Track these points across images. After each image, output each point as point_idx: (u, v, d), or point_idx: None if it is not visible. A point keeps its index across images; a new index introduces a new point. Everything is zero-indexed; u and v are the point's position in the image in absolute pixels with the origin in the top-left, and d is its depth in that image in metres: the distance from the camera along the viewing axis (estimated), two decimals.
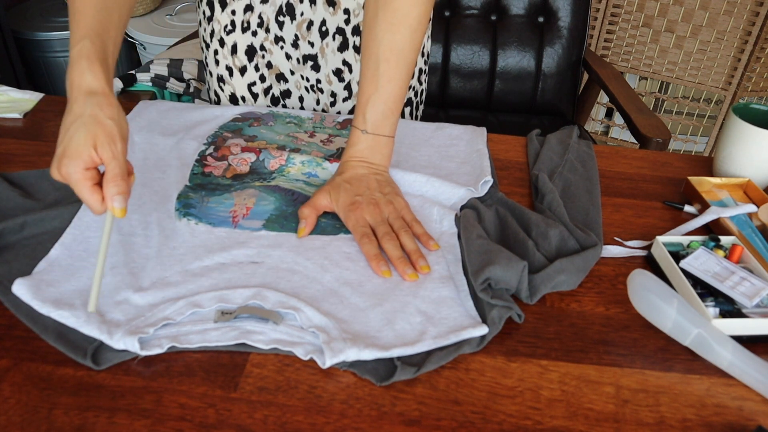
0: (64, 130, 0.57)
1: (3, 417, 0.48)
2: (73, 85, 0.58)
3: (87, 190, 0.55)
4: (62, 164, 0.56)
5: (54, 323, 0.55)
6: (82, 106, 0.57)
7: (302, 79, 0.97)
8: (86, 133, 0.56)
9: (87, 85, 0.58)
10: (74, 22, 0.61)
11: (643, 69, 2.07)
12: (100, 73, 0.59)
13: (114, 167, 0.56)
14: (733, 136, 0.79)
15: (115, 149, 0.56)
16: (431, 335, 0.56)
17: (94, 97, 0.58)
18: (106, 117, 0.57)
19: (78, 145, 0.55)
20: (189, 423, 0.48)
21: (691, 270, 0.62)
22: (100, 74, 0.59)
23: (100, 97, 0.58)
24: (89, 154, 0.55)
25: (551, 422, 0.50)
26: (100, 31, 0.61)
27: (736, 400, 0.53)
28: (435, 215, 0.72)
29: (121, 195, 0.56)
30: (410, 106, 1.03)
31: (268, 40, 0.94)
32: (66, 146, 0.56)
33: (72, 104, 0.58)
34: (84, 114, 0.56)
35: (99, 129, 0.56)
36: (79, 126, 0.56)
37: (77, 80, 0.58)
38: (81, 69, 0.58)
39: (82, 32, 0.60)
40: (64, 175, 0.56)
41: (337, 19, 0.92)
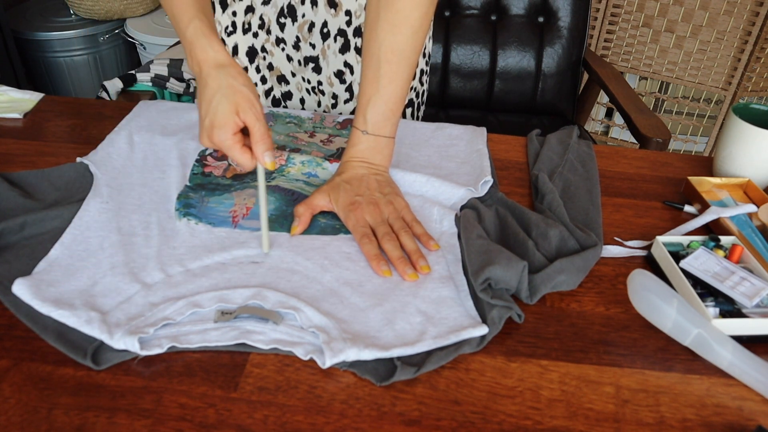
0: (206, 104, 0.64)
1: (3, 417, 0.48)
2: (201, 62, 0.65)
3: (238, 152, 0.63)
4: (214, 134, 0.63)
5: (54, 323, 0.55)
6: (217, 80, 0.64)
7: (303, 81, 0.97)
8: (228, 102, 0.62)
9: (213, 60, 0.65)
10: (176, 8, 0.67)
11: (643, 69, 2.07)
12: (219, 46, 0.65)
13: (259, 128, 0.63)
14: (733, 136, 0.79)
15: (256, 112, 0.63)
16: (431, 335, 0.56)
17: (224, 69, 0.64)
18: (241, 85, 0.63)
19: (224, 114, 0.62)
20: (189, 423, 0.48)
21: (691, 270, 0.62)
22: (219, 48, 0.65)
23: (229, 68, 0.64)
24: (234, 121, 0.62)
25: (551, 422, 0.50)
26: (202, 9, 0.68)
27: (736, 400, 0.53)
28: (435, 215, 0.72)
29: (269, 151, 0.63)
30: (411, 107, 1.03)
31: (269, 41, 0.94)
32: (213, 117, 0.63)
33: (206, 79, 0.64)
34: (222, 86, 0.63)
35: (239, 97, 0.63)
36: (221, 98, 0.63)
37: (202, 56, 0.65)
38: (203, 46, 0.65)
39: (190, 13, 0.66)
40: (217, 143, 0.63)
41: (339, 21, 0.92)
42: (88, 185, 0.73)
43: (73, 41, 2.15)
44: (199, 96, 0.65)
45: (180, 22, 0.67)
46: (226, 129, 0.62)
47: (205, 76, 0.64)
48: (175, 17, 0.68)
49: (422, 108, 1.06)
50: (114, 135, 0.83)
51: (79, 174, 0.75)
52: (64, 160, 0.79)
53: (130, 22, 2.17)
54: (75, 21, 2.17)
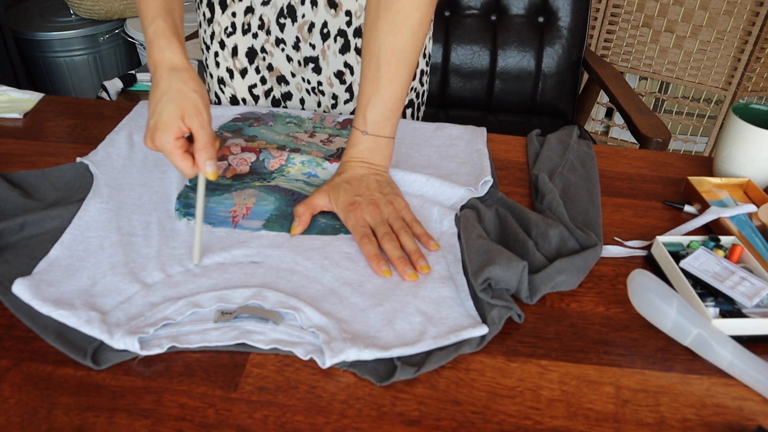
0: (153, 105, 0.63)
1: (3, 417, 0.48)
2: (156, 63, 0.65)
3: (179, 158, 0.62)
4: (156, 136, 0.62)
5: (54, 323, 0.55)
6: (168, 82, 0.63)
7: (303, 82, 0.97)
8: (174, 107, 0.62)
9: (169, 62, 0.64)
10: (142, 4, 0.67)
11: (643, 69, 2.07)
12: (177, 49, 0.65)
13: (203, 136, 0.63)
14: (733, 136, 0.79)
15: (202, 119, 0.63)
16: (431, 335, 0.56)
17: (177, 72, 0.64)
18: (190, 90, 0.63)
19: (168, 118, 0.62)
20: (189, 423, 0.48)
21: (691, 270, 0.62)
22: (177, 50, 0.65)
23: (182, 72, 0.64)
24: (178, 126, 0.62)
25: (551, 422, 0.50)
26: (168, 9, 0.67)
27: (736, 400, 0.53)
28: (435, 215, 0.72)
29: (211, 160, 0.63)
30: (411, 107, 1.03)
31: (269, 42, 0.94)
32: (157, 120, 0.62)
33: (158, 81, 0.64)
34: (171, 89, 0.63)
35: (186, 102, 0.62)
36: (168, 101, 0.62)
37: (158, 57, 0.65)
38: (160, 47, 0.65)
39: (153, 12, 0.66)
40: (158, 146, 0.62)
41: (339, 21, 0.92)
42: (88, 185, 0.73)
43: (73, 41, 2.15)
44: (149, 96, 0.65)
45: (144, 19, 0.66)
46: (169, 133, 0.62)
47: (158, 78, 0.64)
48: (141, 14, 0.67)
49: (422, 108, 1.06)
50: (114, 135, 0.83)
51: (79, 174, 0.75)
52: (64, 160, 0.79)
53: (130, 22, 2.17)
54: (75, 21, 2.17)
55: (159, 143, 0.62)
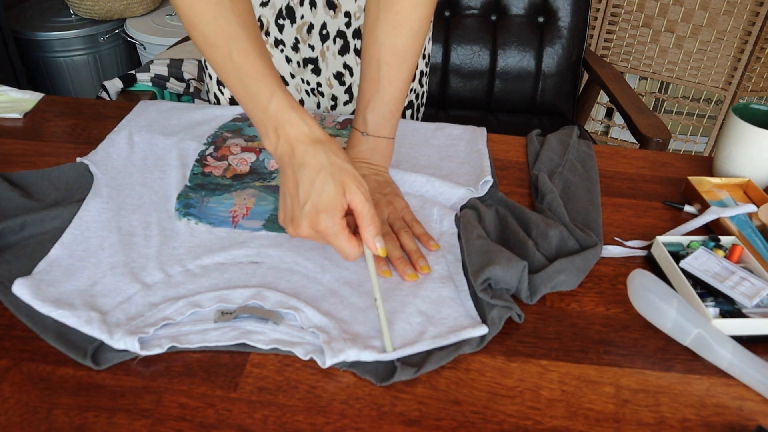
0: (307, 185, 0.57)
1: (3, 417, 0.48)
2: (293, 140, 0.58)
3: (346, 239, 0.57)
4: (320, 219, 0.56)
5: (54, 323, 0.55)
6: (316, 157, 0.57)
7: (303, 83, 0.97)
8: (335, 183, 0.56)
9: (309, 135, 0.58)
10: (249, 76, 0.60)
11: (643, 69, 2.07)
12: (312, 120, 0.60)
13: (369, 210, 0.57)
14: (733, 136, 0.79)
15: (365, 192, 0.58)
16: (431, 335, 0.56)
17: (323, 145, 0.58)
18: (344, 161, 0.58)
19: (331, 197, 0.56)
20: (189, 423, 0.48)
21: (691, 270, 0.62)
22: (312, 122, 0.59)
23: (329, 144, 0.59)
24: (342, 204, 0.57)
25: (551, 422, 0.50)
26: (276, 76, 0.61)
27: (736, 400, 0.53)
28: (435, 215, 0.72)
29: (380, 235, 0.58)
30: (411, 108, 1.03)
31: (268, 43, 0.94)
32: (317, 201, 0.56)
33: (303, 157, 0.57)
34: (324, 165, 0.57)
35: (345, 176, 0.57)
36: (326, 177, 0.56)
37: (294, 133, 0.58)
38: (293, 122, 0.58)
39: (270, 85, 0.59)
40: (323, 230, 0.57)
41: (338, 22, 0.92)
42: (88, 185, 0.73)
43: (73, 41, 2.15)
44: (290, 175, 0.58)
45: (257, 94, 0.59)
46: (335, 213, 0.56)
47: (302, 154, 0.58)
48: (248, 87, 0.60)
49: (422, 109, 1.06)
50: (114, 135, 0.83)
51: (79, 174, 0.75)
52: (64, 160, 0.79)
53: (130, 22, 2.17)
54: (75, 21, 2.17)
55: (324, 226, 0.56)
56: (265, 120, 0.60)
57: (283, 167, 0.60)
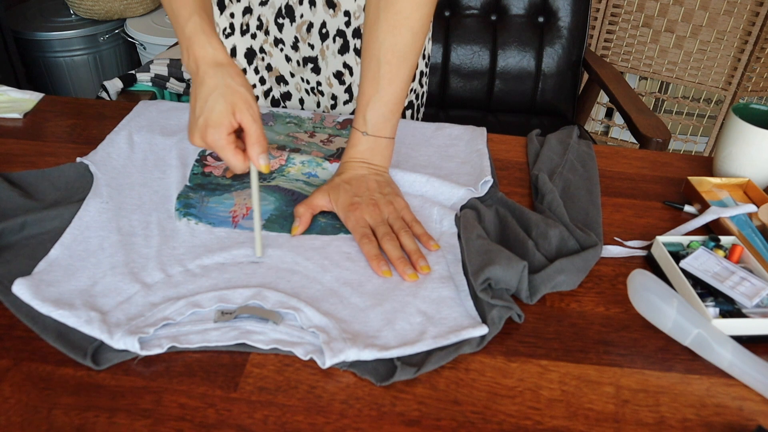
0: (201, 102, 0.62)
1: (3, 417, 0.48)
2: (199, 59, 0.64)
3: (231, 153, 0.62)
4: (207, 133, 0.61)
5: (54, 323, 0.55)
6: (215, 78, 0.63)
7: (302, 82, 0.97)
8: (225, 102, 0.61)
9: (212, 58, 0.64)
10: (175, 3, 0.66)
11: (643, 69, 2.07)
12: (218, 44, 0.64)
13: (255, 130, 0.62)
14: (733, 136, 0.79)
15: (254, 113, 0.62)
16: (431, 335, 0.56)
17: (223, 68, 0.63)
18: (239, 85, 0.62)
19: (220, 114, 0.61)
20: (189, 423, 0.48)
21: (691, 270, 0.62)
22: (218, 46, 0.64)
23: (228, 67, 0.64)
24: (230, 121, 0.61)
25: (551, 422, 0.50)
26: (202, 5, 0.66)
27: (736, 400, 0.53)
28: (435, 215, 0.72)
29: (264, 153, 0.62)
30: (411, 108, 1.03)
31: (268, 42, 0.94)
32: (208, 116, 0.62)
33: (203, 77, 0.63)
34: (219, 85, 0.62)
35: (236, 97, 0.62)
36: (218, 96, 0.62)
37: (201, 53, 0.64)
38: (201, 43, 0.64)
39: (188, 9, 0.65)
40: (210, 142, 0.62)
41: (338, 21, 0.92)
42: (88, 185, 0.73)
43: (73, 41, 2.15)
44: (193, 93, 0.64)
45: (179, 17, 0.66)
46: (221, 129, 0.61)
47: (203, 74, 0.63)
48: (174, 12, 0.66)
49: (422, 110, 1.06)
50: (114, 135, 0.83)
51: (79, 174, 0.75)
52: (64, 160, 0.79)
53: (130, 22, 2.17)
54: (75, 21, 2.17)
55: (211, 139, 0.61)
56: (182, 39, 0.66)
57: (192, 83, 0.66)
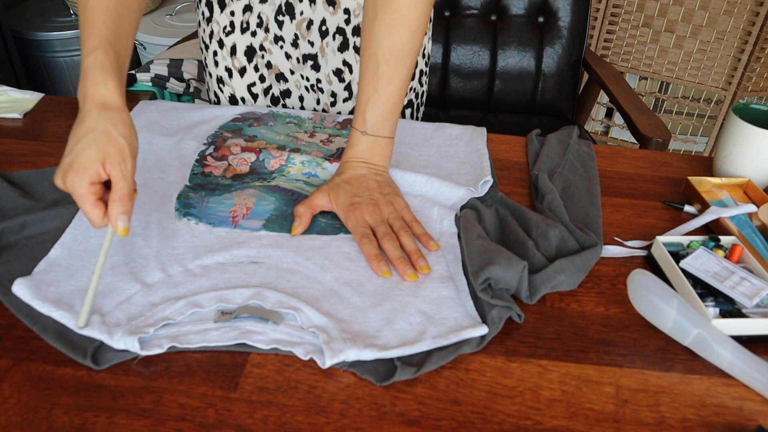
0: (74, 141, 0.57)
1: (3, 417, 0.48)
2: (87, 97, 0.58)
3: (89, 205, 0.56)
4: (68, 176, 0.55)
5: (54, 323, 0.55)
6: (96, 120, 0.57)
7: (302, 79, 0.97)
8: (97, 149, 0.55)
9: (101, 98, 0.58)
10: (85, 31, 0.61)
11: (643, 69, 2.07)
12: (113, 86, 0.59)
13: (122, 187, 0.56)
14: (733, 136, 0.79)
15: (125, 169, 0.56)
16: (431, 335, 0.56)
17: (108, 112, 0.57)
18: (119, 134, 0.57)
19: (87, 160, 0.55)
20: (189, 423, 0.48)
21: (691, 270, 0.62)
22: (113, 87, 0.59)
23: (113, 113, 0.58)
24: (96, 170, 0.55)
25: (551, 422, 0.50)
26: (112, 41, 0.61)
27: (736, 400, 0.53)
28: (435, 215, 0.72)
29: (125, 215, 0.56)
30: (411, 107, 1.03)
31: (268, 39, 0.94)
32: (74, 159, 0.56)
33: (85, 116, 0.57)
34: (97, 129, 0.56)
35: (111, 147, 0.56)
36: (91, 141, 0.56)
37: (91, 91, 0.58)
38: (95, 80, 0.58)
39: (95, 42, 0.60)
40: (69, 187, 0.56)
41: (337, 19, 0.92)
42: None
43: (73, 41, 2.15)
44: (71, 131, 0.58)
45: (83, 47, 0.60)
46: (83, 176, 0.55)
47: (85, 113, 0.58)
48: (81, 40, 0.61)
49: (421, 109, 1.06)
50: None
51: None
52: None
53: None
54: (75, 21, 2.17)
55: (70, 184, 0.55)
56: (81, 69, 0.60)
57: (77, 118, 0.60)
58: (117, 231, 0.56)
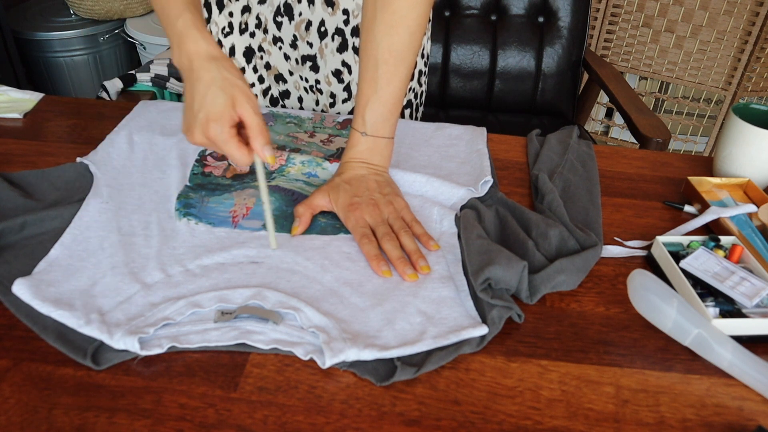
0: (200, 97, 0.61)
1: (3, 417, 0.48)
2: (192, 54, 0.63)
3: (235, 146, 0.60)
4: (210, 127, 0.60)
5: (54, 323, 0.55)
6: (210, 71, 0.61)
7: (301, 80, 0.97)
8: (225, 95, 0.60)
9: (205, 52, 0.63)
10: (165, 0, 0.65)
11: (643, 69, 2.07)
12: (211, 39, 0.64)
13: (258, 121, 0.61)
14: (733, 136, 0.79)
15: (253, 105, 0.61)
16: (431, 335, 0.56)
17: (218, 61, 0.62)
18: (236, 78, 0.62)
19: (221, 106, 0.60)
20: (189, 423, 0.48)
21: (691, 270, 0.62)
22: (211, 41, 0.64)
23: (223, 61, 0.63)
24: (230, 115, 0.60)
25: (551, 422, 0.50)
26: (193, 3, 0.66)
27: (736, 400, 0.53)
28: (435, 215, 0.72)
29: (269, 145, 0.61)
30: (410, 108, 1.03)
31: (266, 40, 0.94)
32: (209, 110, 0.60)
33: (199, 71, 0.62)
34: (216, 79, 0.61)
35: (235, 90, 0.61)
36: (217, 90, 0.60)
37: (194, 48, 0.63)
38: (194, 38, 0.63)
39: (179, 6, 0.64)
40: (213, 137, 0.61)
41: (336, 20, 0.92)
42: (88, 185, 0.73)
43: (73, 41, 2.15)
44: (188, 90, 0.63)
45: (169, 15, 0.65)
46: (223, 122, 0.60)
47: (197, 69, 0.62)
48: (164, 9, 0.65)
49: (420, 109, 1.06)
50: (114, 135, 0.83)
51: (79, 174, 0.75)
52: (64, 160, 0.79)
53: (130, 22, 2.17)
54: (75, 21, 2.17)
55: (213, 134, 0.60)
56: (172, 36, 0.65)
57: (185, 80, 0.64)
58: (266, 160, 0.61)
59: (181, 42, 0.64)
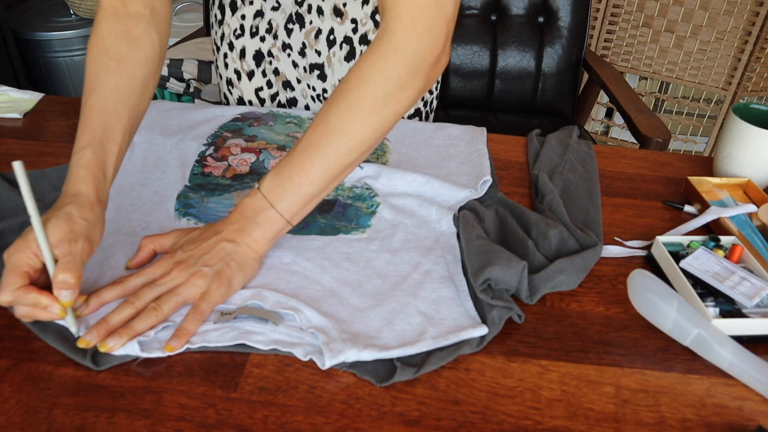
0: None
1: (3, 417, 0.48)
2: (65, 192, 0.56)
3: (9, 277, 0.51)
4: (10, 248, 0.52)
5: (54, 323, 0.55)
6: (62, 206, 0.54)
7: (309, 89, 0.97)
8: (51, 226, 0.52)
9: (76, 191, 0.56)
10: (81, 125, 0.60)
11: (643, 69, 2.07)
12: (93, 184, 0.57)
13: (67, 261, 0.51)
14: (733, 136, 0.79)
15: (74, 248, 0.52)
16: (431, 335, 0.56)
17: (77, 198, 0.55)
18: (80, 217, 0.54)
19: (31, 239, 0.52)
20: (189, 423, 0.48)
21: (691, 270, 0.62)
22: (93, 185, 0.57)
23: (82, 198, 0.55)
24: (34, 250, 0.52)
25: (551, 422, 0.50)
26: (104, 140, 0.59)
27: (736, 400, 0.53)
28: (433, 215, 0.71)
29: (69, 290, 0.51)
30: (419, 116, 1.02)
31: (276, 46, 0.94)
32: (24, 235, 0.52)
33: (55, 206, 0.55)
34: (59, 211, 0.54)
35: (67, 225, 0.53)
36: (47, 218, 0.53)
37: (72, 188, 0.56)
38: (77, 179, 0.57)
39: (86, 140, 0.59)
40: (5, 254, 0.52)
41: (345, 29, 0.92)
42: None
43: (73, 41, 2.15)
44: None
45: (76, 141, 0.59)
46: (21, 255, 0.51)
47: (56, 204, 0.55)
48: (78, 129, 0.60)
49: (431, 116, 1.05)
50: None
51: None
52: (64, 160, 0.79)
53: None
54: (75, 21, 2.17)
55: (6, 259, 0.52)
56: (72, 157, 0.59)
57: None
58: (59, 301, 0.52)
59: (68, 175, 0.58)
